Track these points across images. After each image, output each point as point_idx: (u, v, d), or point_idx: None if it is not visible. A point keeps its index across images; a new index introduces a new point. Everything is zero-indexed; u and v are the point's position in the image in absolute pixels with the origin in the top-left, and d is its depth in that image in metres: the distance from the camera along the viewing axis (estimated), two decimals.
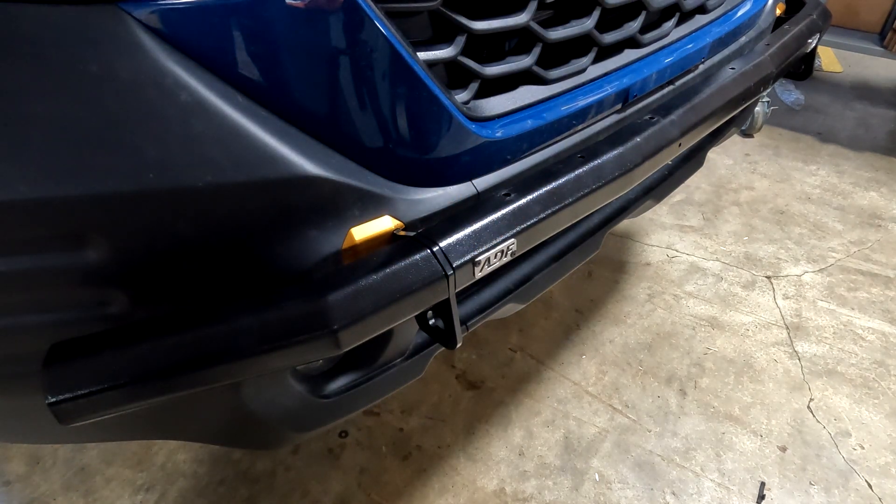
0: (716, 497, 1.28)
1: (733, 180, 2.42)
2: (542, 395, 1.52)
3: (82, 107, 0.48)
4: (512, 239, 0.63)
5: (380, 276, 0.54)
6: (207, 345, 0.50)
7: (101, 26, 0.47)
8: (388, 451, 1.39)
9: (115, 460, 1.37)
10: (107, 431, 0.78)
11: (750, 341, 1.66)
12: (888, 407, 1.47)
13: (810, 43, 1.17)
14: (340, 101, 0.57)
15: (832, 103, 3.04)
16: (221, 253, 0.56)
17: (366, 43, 0.56)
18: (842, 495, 1.28)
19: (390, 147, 0.62)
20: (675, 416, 1.46)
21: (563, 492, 1.30)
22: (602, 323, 1.73)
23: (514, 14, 0.68)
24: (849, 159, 2.56)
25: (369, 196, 0.61)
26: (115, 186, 0.49)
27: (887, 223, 2.15)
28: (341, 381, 0.79)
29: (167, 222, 0.53)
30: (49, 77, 0.47)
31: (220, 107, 0.51)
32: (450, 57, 0.64)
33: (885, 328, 1.70)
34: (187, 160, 0.51)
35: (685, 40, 0.97)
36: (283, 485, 1.32)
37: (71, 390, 0.45)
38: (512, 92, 0.74)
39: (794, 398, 1.50)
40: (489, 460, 1.37)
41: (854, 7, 2.91)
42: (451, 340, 0.68)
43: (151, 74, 0.49)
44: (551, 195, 0.68)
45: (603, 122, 0.85)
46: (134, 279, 0.55)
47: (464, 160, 0.68)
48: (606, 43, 0.81)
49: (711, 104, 0.89)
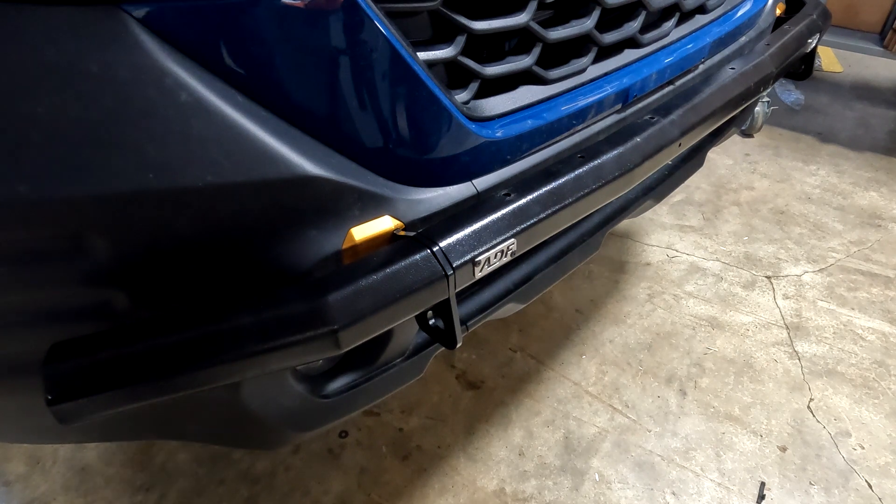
0: (716, 497, 1.28)
1: (733, 180, 2.42)
2: (542, 395, 1.52)
3: (82, 107, 0.48)
4: (512, 239, 0.63)
5: (380, 276, 0.55)
6: (207, 345, 0.50)
7: (101, 26, 0.47)
8: (388, 451, 1.39)
9: (115, 460, 1.37)
10: (107, 432, 0.78)
11: (750, 341, 1.66)
12: (888, 407, 1.47)
13: (810, 43, 1.17)
14: (340, 101, 0.57)
15: (832, 103, 3.04)
16: (221, 253, 0.57)
17: (366, 43, 0.56)
18: (842, 495, 1.28)
19: (390, 147, 0.62)
20: (675, 416, 1.46)
21: (563, 492, 1.30)
22: (602, 323, 1.73)
23: (513, 14, 0.68)
24: (849, 159, 2.56)
25: (369, 196, 0.61)
26: (115, 186, 0.49)
27: (887, 223, 2.15)
28: (341, 381, 0.79)
29: (167, 222, 0.53)
30: (49, 77, 0.47)
31: (219, 107, 0.51)
32: (450, 57, 0.64)
33: (885, 328, 1.70)
34: (187, 160, 0.51)
35: (685, 40, 0.97)
36: (283, 485, 1.32)
37: (71, 390, 0.45)
38: (512, 92, 0.74)
39: (794, 398, 1.50)
40: (489, 460, 1.37)
41: (854, 7, 2.91)
42: (451, 340, 0.68)
43: (151, 74, 0.49)
44: (551, 195, 0.68)
45: (603, 122, 0.85)
46: (134, 279, 0.55)
47: (464, 160, 0.68)
48: (606, 43, 0.81)
49: (711, 104, 0.90)
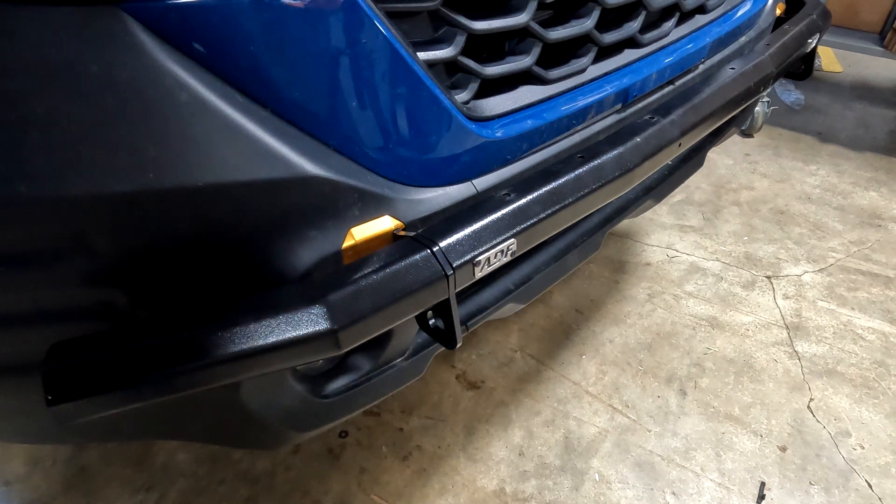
0: (716, 497, 1.28)
1: (733, 180, 2.42)
2: (542, 395, 1.52)
3: (82, 107, 0.48)
4: (512, 239, 0.63)
5: (380, 276, 0.55)
6: (207, 345, 0.50)
7: (101, 26, 0.47)
8: (388, 451, 1.39)
9: (115, 460, 1.37)
10: (107, 432, 0.78)
11: (750, 341, 1.66)
12: (888, 407, 1.47)
13: (810, 43, 1.17)
14: (340, 101, 0.57)
15: (832, 103, 3.04)
16: (221, 253, 0.57)
17: (365, 43, 0.56)
18: (842, 495, 1.28)
19: (390, 147, 0.62)
20: (675, 416, 1.46)
21: (563, 492, 1.30)
22: (602, 323, 1.73)
23: (513, 14, 0.68)
24: (849, 159, 2.56)
25: (369, 196, 0.61)
26: (115, 186, 0.49)
27: (887, 223, 2.15)
28: (341, 381, 0.79)
29: (167, 222, 0.53)
30: (49, 77, 0.47)
31: (219, 107, 0.51)
32: (450, 57, 0.64)
33: (885, 328, 1.70)
34: (187, 160, 0.51)
35: (685, 40, 0.97)
36: (283, 485, 1.32)
37: (70, 390, 0.44)
38: (512, 92, 0.74)
39: (794, 398, 1.50)
40: (489, 460, 1.37)
41: (854, 7, 2.91)
42: (451, 340, 0.68)
43: (151, 74, 0.49)
44: (551, 195, 0.68)
45: (603, 122, 0.85)
46: (134, 279, 0.55)
47: (464, 160, 0.68)
48: (606, 43, 0.81)
49: (711, 104, 0.90)
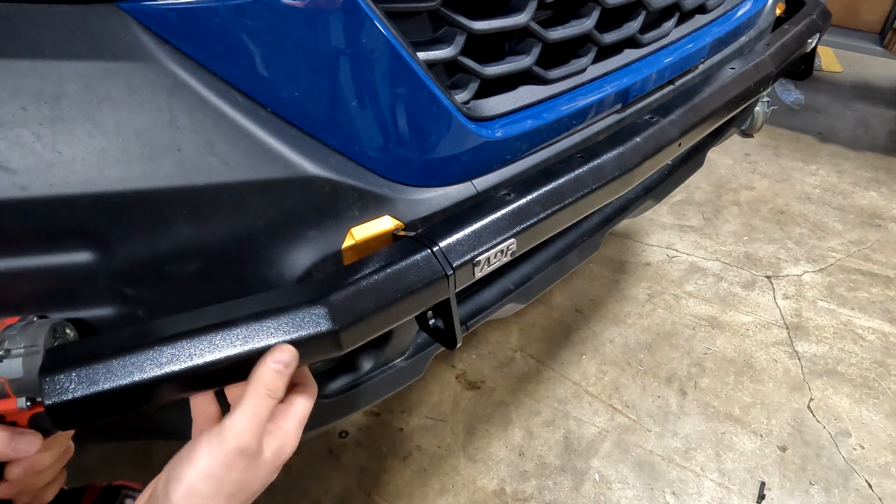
0: (716, 497, 1.28)
1: (733, 180, 2.42)
2: (542, 395, 1.52)
3: (81, 107, 0.48)
4: (512, 239, 0.63)
5: (380, 276, 0.54)
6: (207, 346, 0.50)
7: (101, 26, 0.47)
8: (388, 451, 1.39)
9: (115, 460, 1.37)
10: (107, 432, 0.78)
11: (750, 341, 1.66)
12: (888, 407, 1.47)
13: (810, 43, 1.17)
14: (340, 101, 0.57)
15: (832, 103, 3.05)
16: (221, 253, 0.56)
17: (365, 43, 0.56)
18: (842, 495, 1.28)
19: (390, 147, 0.62)
20: (675, 415, 1.46)
21: (564, 492, 1.30)
22: (602, 323, 1.73)
23: (513, 14, 0.68)
24: (849, 159, 2.56)
25: (369, 196, 0.61)
26: (115, 186, 0.49)
27: (887, 223, 2.15)
28: (341, 380, 0.79)
29: (167, 222, 0.53)
30: (49, 77, 0.47)
31: (219, 107, 0.51)
32: (449, 57, 0.64)
33: (885, 328, 1.70)
34: (187, 160, 0.51)
35: (685, 40, 0.97)
36: (284, 485, 1.32)
37: (69, 394, 0.44)
38: (512, 92, 0.74)
39: (794, 398, 1.50)
40: (489, 460, 1.37)
41: (854, 7, 2.91)
42: (451, 340, 0.68)
43: (151, 74, 0.49)
44: (551, 195, 0.68)
45: (603, 122, 0.85)
46: (133, 279, 0.55)
47: (464, 160, 0.68)
48: (606, 43, 0.81)
49: (711, 104, 0.89)
